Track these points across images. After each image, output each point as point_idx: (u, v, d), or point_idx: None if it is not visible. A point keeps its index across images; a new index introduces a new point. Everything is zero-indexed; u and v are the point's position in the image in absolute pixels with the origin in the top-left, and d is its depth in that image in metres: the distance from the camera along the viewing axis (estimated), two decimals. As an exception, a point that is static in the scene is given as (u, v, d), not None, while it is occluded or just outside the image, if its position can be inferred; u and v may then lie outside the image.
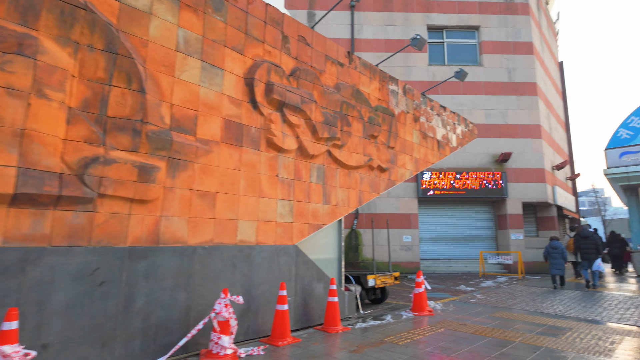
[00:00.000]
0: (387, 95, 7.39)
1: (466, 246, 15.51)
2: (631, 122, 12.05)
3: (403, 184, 14.82)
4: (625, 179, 11.97)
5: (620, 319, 6.33)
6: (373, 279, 6.82)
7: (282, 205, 5.12)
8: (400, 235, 14.55)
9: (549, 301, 8.06)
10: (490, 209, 15.92)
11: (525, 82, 15.99)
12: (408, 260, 14.40)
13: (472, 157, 15.29)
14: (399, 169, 7.58)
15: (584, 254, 10.43)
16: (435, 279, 12.90)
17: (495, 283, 11.40)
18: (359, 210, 14.51)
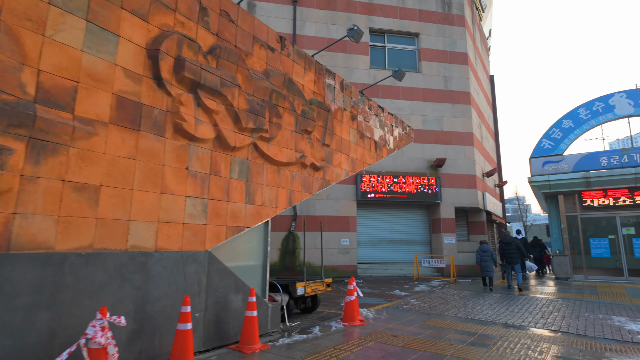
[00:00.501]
0: (323, 89, 6.89)
1: (402, 249, 15.59)
2: (552, 134, 12.87)
3: (342, 187, 14.51)
4: (547, 186, 12.71)
5: (545, 324, 6.37)
6: (302, 287, 6.22)
7: (192, 203, 4.33)
8: (338, 238, 14.20)
9: (479, 306, 8.05)
10: (425, 213, 16.19)
11: (460, 91, 16.55)
12: (346, 263, 14.08)
13: (410, 161, 15.44)
14: (335, 168, 7.10)
15: (508, 258, 11.03)
16: (371, 282, 12.68)
17: (428, 287, 11.41)
18: (297, 212, 13.94)
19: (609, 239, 12.26)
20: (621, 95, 12.02)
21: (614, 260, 12.18)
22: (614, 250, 12.14)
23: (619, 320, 6.76)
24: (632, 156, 11.53)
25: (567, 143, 12.60)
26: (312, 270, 13.64)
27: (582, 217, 12.79)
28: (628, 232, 12.04)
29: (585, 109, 12.51)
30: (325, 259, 13.88)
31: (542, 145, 13.06)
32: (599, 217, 12.64)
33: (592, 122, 12.37)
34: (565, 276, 12.66)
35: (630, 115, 11.84)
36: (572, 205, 12.99)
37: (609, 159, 11.83)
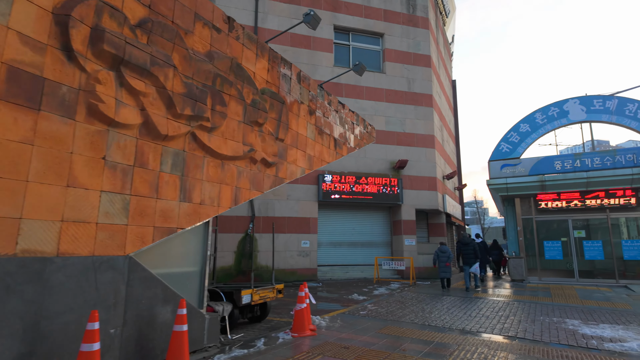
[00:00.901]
0: (277, 79, 6.37)
1: (364, 251, 15.33)
2: (510, 137, 13.08)
3: (304, 187, 14.03)
4: (504, 189, 12.86)
5: (502, 329, 6.18)
6: (249, 295, 5.66)
7: (109, 200, 3.68)
8: (298, 240, 13.70)
9: (437, 310, 7.82)
10: (387, 214, 16.04)
11: (422, 94, 16.57)
12: (306, 266, 13.59)
13: (372, 162, 15.22)
14: (290, 165, 6.60)
15: (465, 258, 11.36)
16: (331, 286, 12.27)
17: (388, 290, 11.15)
18: (256, 212, 13.29)
19: (562, 241, 12.57)
20: (575, 102, 12.40)
21: (566, 262, 12.51)
22: (566, 252, 12.47)
23: (572, 323, 6.72)
24: (584, 161, 11.89)
25: (524, 147, 12.84)
26: (270, 274, 13.04)
27: (537, 219, 13.06)
28: (579, 235, 12.41)
29: (542, 113, 12.80)
30: (285, 262, 13.34)
31: (501, 149, 13.23)
32: (553, 220, 12.96)
33: (547, 127, 12.68)
34: (520, 278, 12.85)
35: (583, 121, 12.24)
36: (527, 208, 13.25)
37: (563, 163, 12.15)
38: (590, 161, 11.85)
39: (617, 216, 12.10)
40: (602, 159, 11.67)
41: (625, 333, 5.99)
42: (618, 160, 11.48)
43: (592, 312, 7.80)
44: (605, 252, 11.97)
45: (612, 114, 11.79)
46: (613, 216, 12.09)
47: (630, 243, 11.70)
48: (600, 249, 11.95)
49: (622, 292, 10.39)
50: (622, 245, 11.80)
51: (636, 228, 12.22)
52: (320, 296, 9.91)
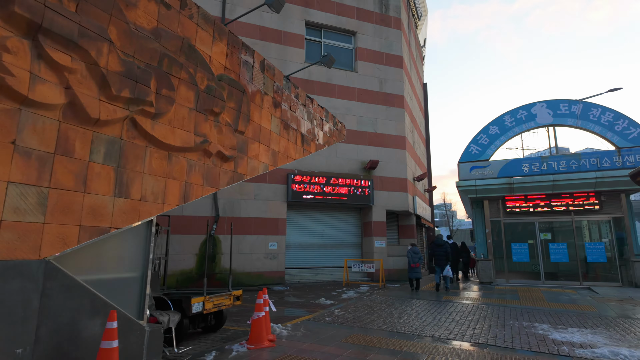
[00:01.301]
0: (237, 66, 5.85)
1: (333, 253, 14.95)
2: (480, 139, 13.09)
3: (272, 186, 13.49)
4: (473, 191, 12.84)
5: (472, 335, 5.91)
6: (200, 303, 5.09)
7: (20, 193, 3.05)
8: (266, 241, 13.13)
9: (406, 315, 7.50)
10: (358, 215, 15.74)
11: (394, 94, 16.43)
12: (273, 269, 13.04)
13: (343, 162, 14.89)
14: (251, 160, 6.09)
15: (437, 260, 11.51)
16: (298, 290, 11.79)
17: (356, 293, 10.79)
18: (220, 212, 12.62)
19: (529, 244, 12.67)
20: (542, 105, 12.55)
21: (532, 265, 12.61)
22: (532, 254, 12.58)
23: (542, 328, 6.55)
24: (550, 164, 12.03)
25: (494, 149, 12.89)
26: (235, 278, 12.41)
27: (505, 222, 13.12)
28: (545, 238, 12.54)
29: (510, 116, 12.90)
30: (251, 265, 12.74)
31: (470, 151, 13.22)
32: (520, 222, 13.05)
33: (516, 130, 12.78)
34: (488, 280, 12.84)
35: (550, 124, 12.40)
36: (496, 211, 13.29)
37: (531, 166, 12.25)
38: (556, 164, 11.99)
39: (581, 219, 12.32)
40: (568, 162, 11.85)
41: (595, 338, 5.86)
42: (583, 164, 11.68)
43: (559, 316, 7.71)
44: (570, 255, 12.15)
45: (577, 118, 12.01)
46: (577, 219, 12.30)
47: (593, 246, 11.92)
48: (565, 252, 12.11)
49: (587, 294, 10.50)
50: (586, 248, 12.00)
51: (598, 231, 12.48)
52: (286, 301, 9.41)
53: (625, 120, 11.45)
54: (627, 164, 11.22)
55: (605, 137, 11.65)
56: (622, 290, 10.91)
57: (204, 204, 12.45)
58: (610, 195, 11.90)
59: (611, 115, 11.62)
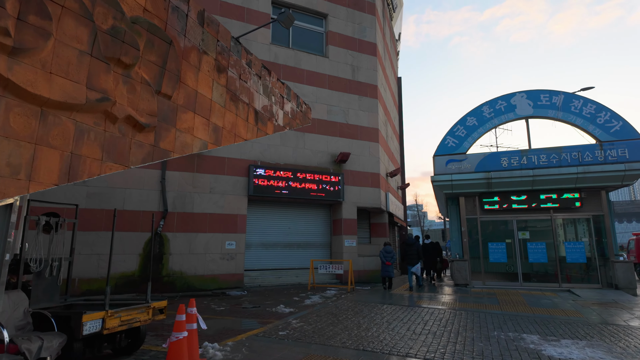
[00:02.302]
0: (164, 11, 4.50)
1: (300, 254, 13.72)
2: (457, 131, 12.23)
3: (231, 179, 12.10)
4: (449, 186, 11.95)
5: (455, 352, 4.82)
6: (97, 321, 3.73)
7: None
8: (222, 240, 11.72)
9: (375, 326, 6.37)
10: (327, 212, 14.59)
11: (367, 84, 15.39)
12: (230, 272, 11.65)
13: (311, 154, 13.68)
14: (182, 134, 4.75)
15: (409, 258, 11.70)
16: (257, 295, 10.48)
17: (322, 298, 9.61)
18: (169, 207, 11.11)
19: (506, 243, 11.92)
20: (522, 96, 11.84)
21: (510, 265, 11.86)
22: (510, 254, 11.82)
23: (532, 340, 5.58)
24: (530, 158, 11.31)
25: (471, 141, 12.05)
26: (185, 282, 10.95)
27: (482, 220, 12.32)
28: (523, 237, 11.82)
29: (489, 107, 12.10)
30: (204, 267, 11.31)
31: (447, 143, 12.33)
32: (498, 220, 12.29)
33: (494, 121, 11.99)
34: (464, 282, 11.98)
35: (530, 116, 11.69)
36: (472, 208, 12.47)
37: (510, 160, 11.49)
38: (536, 158, 11.27)
39: (561, 217, 11.66)
40: (549, 156, 11.15)
41: (594, 353, 4.92)
42: (564, 158, 11.01)
43: (547, 324, 6.81)
44: (549, 255, 11.47)
45: (558, 110, 11.34)
46: (557, 217, 11.64)
47: (573, 245, 11.28)
48: (543, 252, 11.42)
49: (568, 298, 9.77)
50: (565, 248, 11.35)
51: (574, 230, 11.87)
52: (237, 310, 8.08)
53: (607, 113, 10.87)
54: (610, 158, 10.62)
55: (587, 130, 11.03)
56: (603, 292, 10.27)
57: (149, 197, 10.91)
58: (590, 192, 11.30)
59: (593, 107, 11.02)
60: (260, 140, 12.81)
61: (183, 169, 11.50)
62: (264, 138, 12.85)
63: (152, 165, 11.09)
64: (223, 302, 9.23)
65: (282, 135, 13.21)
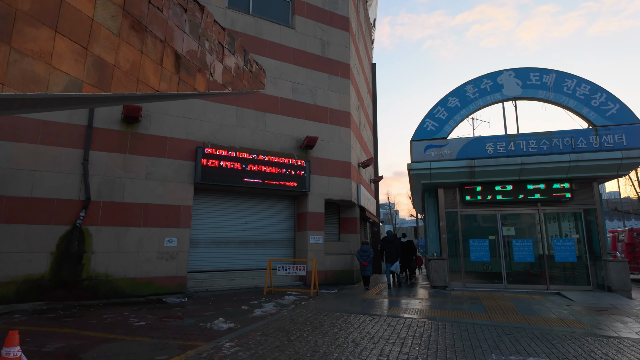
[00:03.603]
0: None
1: (258, 252, 11.94)
2: (437, 113, 10.81)
3: (174, 162, 10.15)
4: (427, 175, 10.52)
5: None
6: None
7: None
8: (161, 236, 9.77)
9: (337, 350, 4.72)
10: (291, 205, 12.87)
11: (338, 62, 13.77)
12: (170, 274, 9.71)
13: (273, 137, 11.91)
14: (25, 58, 2.90)
15: (387, 256, 11.44)
16: (201, 302, 8.64)
17: (277, 307, 7.89)
18: (92, 195, 9.05)
19: (489, 240, 10.62)
20: (510, 74, 10.56)
21: (492, 265, 10.57)
22: (493, 253, 10.53)
23: (547, 370, 4.10)
24: (518, 144, 10.04)
25: (453, 125, 10.67)
26: (111, 287, 8.94)
27: (463, 214, 10.97)
28: (508, 232, 10.56)
29: (473, 86, 10.75)
30: (137, 269, 9.33)
31: (425, 126, 10.88)
32: (480, 214, 10.98)
33: (479, 102, 10.65)
34: (442, 284, 10.59)
35: (518, 97, 10.42)
36: (452, 201, 11.11)
37: (496, 146, 10.18)
38: (525, 144, 10.01)
39: (550, 211, 10.47)
40: (539, 142, 9.92)
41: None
42: (555, 145, 9.80)
43: (551, 340, 5.41)
44: (536, 253, 10.26)
45: (549, 90, 10.13)
46: (546, 211, 10.44)
47: (562, 243, 10.11)
48: (530, 250, 10.19)
49: (562, 303, 8.52)
50: (554, 245, 10.17)
51: (559, 226, 10.72)
52: (162, 326, 6.22)
53: (603, 94, 9.74)
54: (605, 145, 9.49)
55: (580, 113, 9.86)
56: (597, 295, 9.12)
57: (67, 182, 8.81)
58: (582, 183, 10.17)
59: (587, 88, 9.87)
60: (212, 118, 10.90)
61: (113, 148, 9.45)
62: (216, 116, 10.97)
63: (72, 143, 9.00)
64: (151, 312, 7.34)
65: (239, 114, 11.37)
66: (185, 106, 10.59)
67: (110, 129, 9.55)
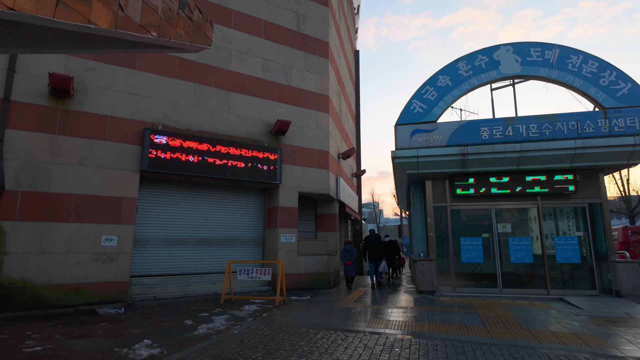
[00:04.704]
0: None
1: (220, 253, 10.40)
2: (426, 93, 9.48)
3: (117, 146, 8.53)
4: (414, 164, 9.18)
5: None
6: None
7: None
8: (97, 234, 8.14)
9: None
10: (260, 199, 11.37)
11: (316, 38, 12.32)
12: (107, 279, 8.09)
13: (239, 121, 10.38)
14: None
15: (371, 255, 11.28)
16: (138, 314, 7.07)
17: (228, 322, 6.39)
18: (6, 184, 7.36)
19: (483, 238, 9.35)
20: (507, 49, 9.33)
21: (485, 266, 9.31)
22: (487, 253, 9.27)
23: None
24: (517, 128, 8.80)
25: (443, 107, 9.36)
26: (31, 295, 7.28)
27: (453, 208, 9.67)
28: (504, 230, 9.32)
29: (467, 63, 9.47)
30: (65, 272, 7.68)
31: (412, 109, 9.53)
32: (473, 209, 9.70)
33: (473, 81, 9.38)
34: (430, 289, 9.28)
35: (516, 75, 9.19)
36: (441, 194, 9.80)
37: (492, 131, 8.92)
38: (524, 129, 8.77)
39: (551, 205, 9.26)
40: (540, 126, 8.69)
41: None
42: (559, 129, 8.60)
43: (579, 370, 4.08)
44: (534, 253, 9.04)
45: (552, 68, 8.93)
46: (547, 205, 9.23)
47: (564, 241, 8.91)
48: (528, 249, 8.97)
49: (569, 311, 7.28)
50: (555, 244, 8.96)
51: (555, 223, 9.53)
52: (57, 354, 4.65)
53: (612, 72, 8.58)
54: (616, 129, 8.32)
55: (587, 93, 8.68)
56: (605, 301, 7.94)
57: (-29, 167, 7.10)
58: (587, 174, 9.00)
59: (595, 65, 8.71)
60: (164, 95, 9.31)
61: (37, 127, 7.78)
62: (169, 93, 9.39)
63: (-19, 119, 7.28)
64: (67, 329, 5.75)
65: (198, 92, 9.80)
66: (132, 81, 8.97)
67: (35, 103, 7.86)
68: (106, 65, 8.72)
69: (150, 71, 9.24)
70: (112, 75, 8.75)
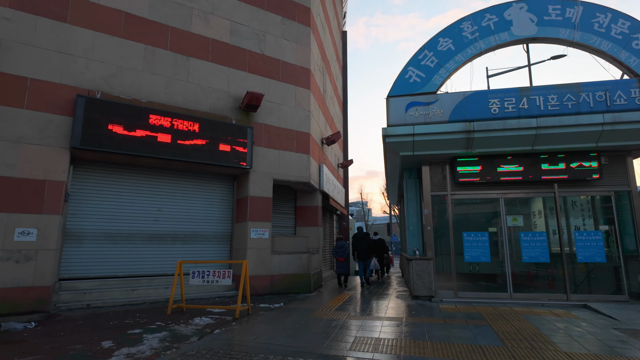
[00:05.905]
0: None
1: (178, 251, 8.72)
2: (424, 59, 7.94)
3: (40, 116, 6.78)
4: (409, 145, 7.64)
5: None
6: None
7: None
8: (8, 226, 6.37)
9: None
10: (229, 187, 9.70)
11: (295, 3, 10.67)
12: (22, 283, 6.34)
13: (201, 92, 8.69)
14: None
15: (359, 253, 10.82)
16: (47, 333, 5.37)
17: (160, 345, 4.73)
18: None
19: (489, 232, 7.86)
20: (521, 7, 7.85)
21: (492, 266, 7.82)
22: (494, 250, 7.78)
23: None
24: (533, 100, 7.33)
25: (444, 75, 7.83)
26: None
27: (455, 198, 8.16)
28: (514, 223, 7.84)
29: (472, 23, 7.95)
30: (-38, 275, 5.88)
31: (408, 77, 7.97)
32: (477, 198, 8.20)
33: (480, 45, 7.87)
34: (427, 293, 7.76)
35: (532, 37, 7.73)
36: (440, 181, 8.28)
37: (502, 103, 7.43)
38: (542, 100, 7.30)
39: (570, 194, 7.81)
40: (561, 97, 7.24)
41: None
42: (584, 101, 7.17)
43: None
44: (551, 251, 7.59)
45: (574, 29, 7.49)
46: (565, 193, 7.78)
47: (587, 237, 7.49)
48: (544, 246, 7.52)
49: (602, 323, 5.82)
50: (576, 240, 7.52)
51: (563, 216, 8.06)
52: None
53: (648, 33, 7.18)
54: (653, 101, 6.92)
55: (617, 58, 7.26)
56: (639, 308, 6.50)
57: None
58: (613, 157, 7.58)
59: (627, 25, 7.30)
60: (105, 57, 7.57)
61: None
62: (112, 54, 7.64)
63: None
64: None
65: (149, 55, 8.07)
66: (62, 37, 7.20)
67: None
68: (28, 15, 6.94)
69: (86, 26, 7.48)
70: (35, 27, 6.97)
